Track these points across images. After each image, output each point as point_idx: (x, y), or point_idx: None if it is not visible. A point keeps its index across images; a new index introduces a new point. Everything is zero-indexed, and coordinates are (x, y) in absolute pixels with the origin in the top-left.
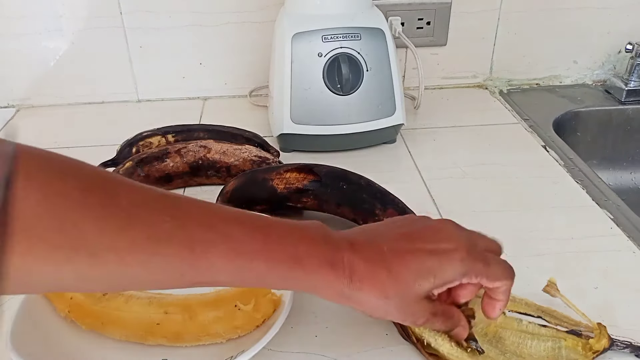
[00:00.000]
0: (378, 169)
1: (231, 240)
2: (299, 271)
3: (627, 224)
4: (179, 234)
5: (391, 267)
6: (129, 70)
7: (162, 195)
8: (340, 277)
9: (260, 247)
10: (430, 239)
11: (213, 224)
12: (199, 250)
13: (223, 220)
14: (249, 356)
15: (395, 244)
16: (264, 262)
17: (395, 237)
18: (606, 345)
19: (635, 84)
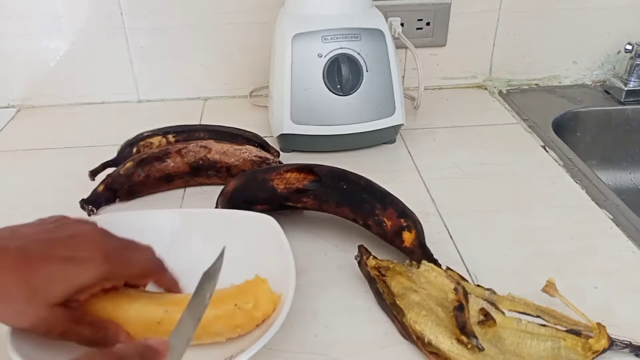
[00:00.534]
0: (378, 169)
1: None
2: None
3: (627, 224)
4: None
5: (18, 270)
6: (130, 70)
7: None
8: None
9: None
10: (68, 246)
11: None
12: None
13: None
14: (249, 355)
15: (29, 249)
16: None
17: (32, 241)
18: (606, 345)
19: (635, 84)
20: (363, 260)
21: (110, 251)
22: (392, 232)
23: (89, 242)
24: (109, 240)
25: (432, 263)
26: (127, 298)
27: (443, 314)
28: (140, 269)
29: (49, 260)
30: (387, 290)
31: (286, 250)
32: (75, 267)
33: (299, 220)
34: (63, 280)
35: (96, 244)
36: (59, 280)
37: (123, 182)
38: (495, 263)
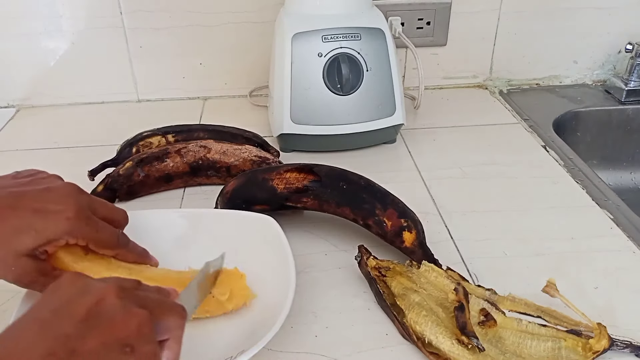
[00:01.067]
0: (378, 169)
1: None
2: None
3: (627, 224)
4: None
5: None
6: (129, 70)
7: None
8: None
9: None
10: (40, 198)
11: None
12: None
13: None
14: (249, 356)
15: (2, 199)
16: None
17: (4, 193)
18: (606, 346)
19: (635, 84)
20: (363, 260)
21: (81, 208)
22: (393, 232)
23: (62, 195)
24: (82, 196)
25: (433, 263)
26: (107, 266)
27: (443, 314)
28: (104, 237)
29: (19, 210)
30: (388, 290)
31: (286, 250)
32: (45, 218)
33: (299, 220)
34: (32, 231)
35: (70, 197)
36: (29, 230)
37: (122, 182)
38: (496, 263)
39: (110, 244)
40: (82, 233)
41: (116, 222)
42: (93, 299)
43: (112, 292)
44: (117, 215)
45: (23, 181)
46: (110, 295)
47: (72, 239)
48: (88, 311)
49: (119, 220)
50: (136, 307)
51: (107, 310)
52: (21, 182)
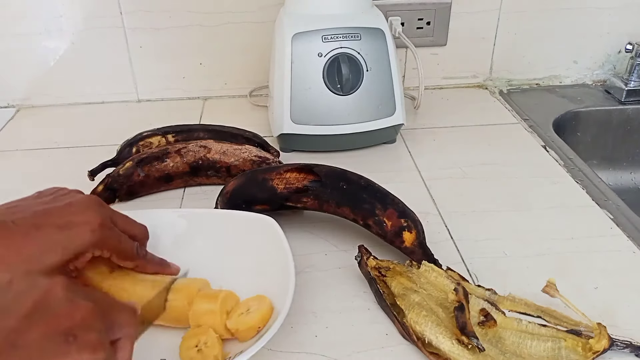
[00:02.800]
0: (378, 169)
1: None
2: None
3: (627, 224)
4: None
5: (14, 241)
6: (129, 70)
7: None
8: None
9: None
10: (63, 214)
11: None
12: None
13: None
14: (249, 356)
15: (25, 219)
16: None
17: (29, 214)
18: (606, 346)
19: (635, 84)
20: (363, 260)
21: (104, 220)
22: (393, 232)
23: (84, 208)
24: (103, 209)
25: (433, 263)
26: (131, 281)
27: (443, 314)
28: (127, 248)
29: (45, 228)
30: (388, 290)
31: (286, 251)
32: (71, 231)
33: (299, 220)
34: (59, 246)
35: (92, 210)
36: (55, 247)
37: (122, 182)
38: (496, 263)
39: (131, 255)
40: (107, 244)
41: (136, 235)
42: (39, 293)
43: (60, 285)
44: (137, 229)
45: (45, 199)
46: (57, 288)
47: (98, 250)
48: (34, 305)
49: (138, 234)
50: (83, 300)
51: (52, 303)
52: (44, 201)
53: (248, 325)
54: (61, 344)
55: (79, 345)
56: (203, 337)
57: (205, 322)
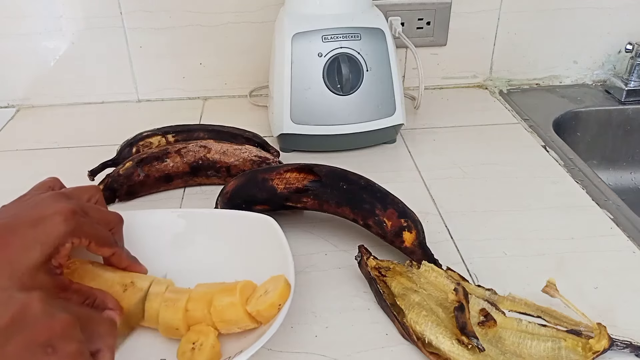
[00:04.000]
0: (378, 169)
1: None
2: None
3: (627, 224)
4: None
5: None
6: (129, 70)
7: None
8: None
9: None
10: (34, 212)
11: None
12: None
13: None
14: (248, 355)
15: (1, 227)
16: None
17: (4, 219)
18: (606, 346)
19: (635, 84)
20: (363, 260)
21: (75, 208)
22: (393, 232)
23: (53, 201)
24: (71, 200)
25: (433, 263)
26: (120, 280)
27: (443, 314)
28: (104, 234)
29: (18, 230)
30: (388, 290)
31: (286, 251)
32: (45, 226)
33: (299, 220)
34: (37, 243)
35: (60, 201)
36: (34, 245)
37: (122, 182)
38: (496, 263)
39: (108, 241)
40: (83, 231)
41: (110, 222)
42: (17, 307)
43: (36, 299)
44: (110, 216)
45: (23, 204)
46: (34, 302)
47: (76, 238)
48: (12, 318)
49: (111, 220)
50: (60, 313)
51: (30, 316)
52: (20, 205)
53: (267, 304)
54: (41, 356)
55: (58, 357)
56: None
57: (229, 317)
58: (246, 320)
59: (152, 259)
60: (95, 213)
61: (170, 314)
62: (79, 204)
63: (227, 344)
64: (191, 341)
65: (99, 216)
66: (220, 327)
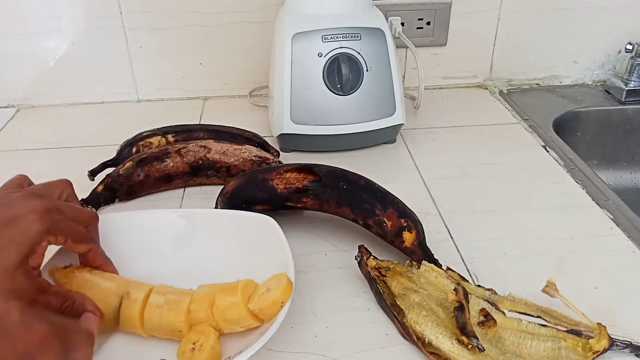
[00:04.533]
0: (378, 169)
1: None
2: None
3: (627, 224)
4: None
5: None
6: (129, 70)
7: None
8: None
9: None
10: (7, 210)
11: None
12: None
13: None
14: (248, 355)
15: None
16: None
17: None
18: (606, 346)
19: (635, 84)
20: (363, 260)
21: (48, 206)
22: (393, 232)
23: (25, 200)
24: (43, 198)
25: (433, 263)
26: (100, 277)
27: (443, 314)
28: (80, 230)
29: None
30: (388, 290)
31: (286, 251)
32: (19, 225)
33: (299, 220)
34: (13, 243)
35: (33, 200)
36: (9, 244)
37: (122, 182)
38: (496, 263)
39: (84, 237)
40: (58, 228)
41: (84, 220)
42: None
43: (14, 308)
44: (84, 213)
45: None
46: (12, 313)
47: (52, 236)
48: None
49: (86, 218)
50: (39, 324)
51: (8, 327)
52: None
53: (270, 301)
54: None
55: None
56: (201, 338)
57: (232, 317)
58: (249, 319)
59: (152, 259)
60: (69, 211)
61: (173, 316)
62: (52, 202)
63: (228, 344)
64: (191, 341)
65: (73, 213)
66: (223, 327)
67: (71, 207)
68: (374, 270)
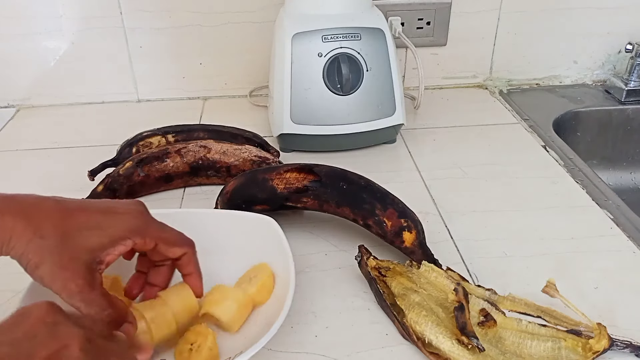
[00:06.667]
0: (378, 169)
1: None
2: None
3: (627, 224)
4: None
5: (55, 213)
6: (129, 70)
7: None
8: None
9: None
10: (110, 204)
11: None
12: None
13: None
14: (249, 356)
15: (74, 202)
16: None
17: (76, 201)
18: (606, 346)
19: (635, 84)
20: (363, 260)
21: (146, 213)
22: (393, 232)
23: (130, 203)
24: (147, 210)
25: (433, 263)
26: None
27: (443, 314)
28: (172, 235)
29: (88, 211)
30: (388, 290)
31: (286, 251)
32: (113, 216)
33: (299, 220)
34: (98, 229)
35: (137, 205)
36: (94, 228)
37: (122, 182)
38: (496, 263)
39: (178, 240)
40: (150, 231)
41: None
42: (56, 346)
43: (77, 343)
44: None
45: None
46: (73, 346)
47: (140, 238)
48: (48, 357)
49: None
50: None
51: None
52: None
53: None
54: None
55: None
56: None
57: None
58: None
59: None
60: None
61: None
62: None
63: (228, 344)
64: (189, 342)
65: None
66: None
67: (170, 228)
68: (374, 270)
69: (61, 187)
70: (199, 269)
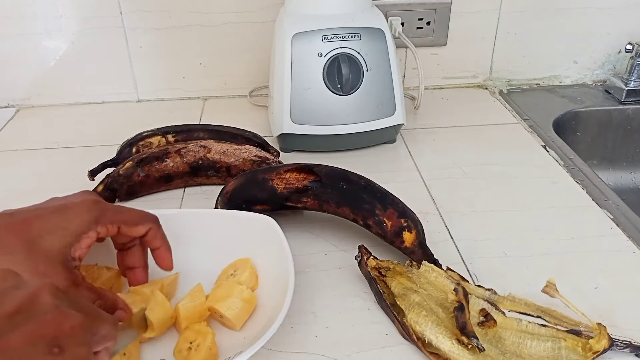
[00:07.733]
0: (378, 169)
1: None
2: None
3: (627, 224)
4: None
5: (16, 227)
6: (129, 70)
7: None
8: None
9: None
10: (60, 201)
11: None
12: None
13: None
14: (248, 356)
15: (24, 211)
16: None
17: (30, 208)
18: (606, 346)
19: (635, 84)
20: (363, 260)
21: (99, 200)
22: (393, 232)
23: (79, 195)
24: (98, 197)
25: (433, 263)
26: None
27: (443, 314)
28: (132, 215)
29: (42, 216)
30: (388, 290)
31: (286, 251)
32: (68, 212)
33: (299, 220)
34: (58, 227)
35: (87, 195)
36: (56, 229)
37: (122, 182)
38: (496, 263)
39: (139, 218)
40: (109, 217)
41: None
42: (25, 295)
43: (47, 291)
44: (141, 215)
45: (43, 204)
46: (44, 293)
47: (101, 227)
48: (18, 307)
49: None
50: (71, 309)
51: (39, 308)
52: (42, 204)
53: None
54: (45, 354)
55: (64, 358)
56: (198, 338)
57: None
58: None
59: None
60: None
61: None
62: (104, 202)
63: (228, 343)
64: (188, 340)
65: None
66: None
67: (128, 209)
68: (374, 270)
69: (61, 187)
70: (167, 242)
